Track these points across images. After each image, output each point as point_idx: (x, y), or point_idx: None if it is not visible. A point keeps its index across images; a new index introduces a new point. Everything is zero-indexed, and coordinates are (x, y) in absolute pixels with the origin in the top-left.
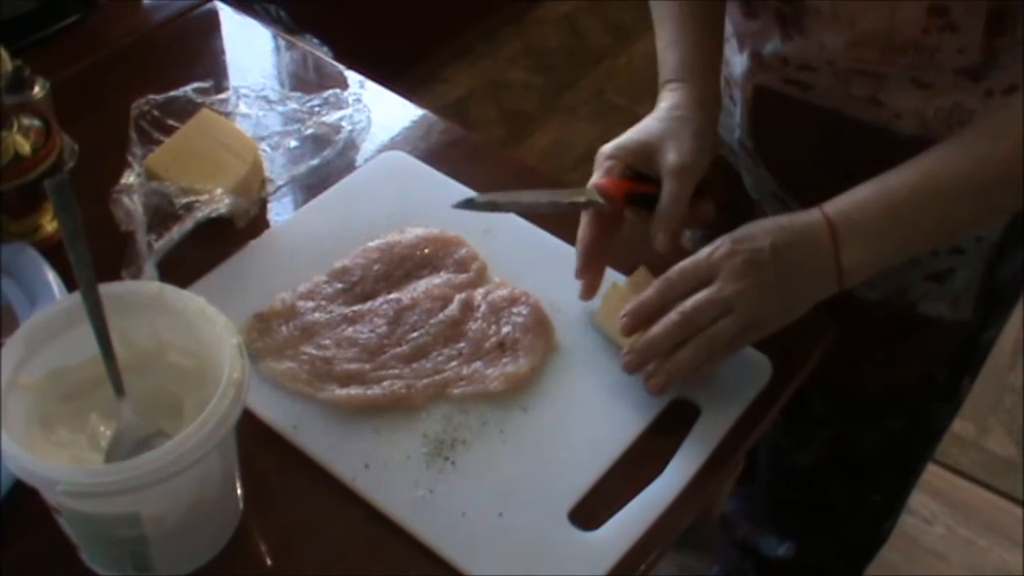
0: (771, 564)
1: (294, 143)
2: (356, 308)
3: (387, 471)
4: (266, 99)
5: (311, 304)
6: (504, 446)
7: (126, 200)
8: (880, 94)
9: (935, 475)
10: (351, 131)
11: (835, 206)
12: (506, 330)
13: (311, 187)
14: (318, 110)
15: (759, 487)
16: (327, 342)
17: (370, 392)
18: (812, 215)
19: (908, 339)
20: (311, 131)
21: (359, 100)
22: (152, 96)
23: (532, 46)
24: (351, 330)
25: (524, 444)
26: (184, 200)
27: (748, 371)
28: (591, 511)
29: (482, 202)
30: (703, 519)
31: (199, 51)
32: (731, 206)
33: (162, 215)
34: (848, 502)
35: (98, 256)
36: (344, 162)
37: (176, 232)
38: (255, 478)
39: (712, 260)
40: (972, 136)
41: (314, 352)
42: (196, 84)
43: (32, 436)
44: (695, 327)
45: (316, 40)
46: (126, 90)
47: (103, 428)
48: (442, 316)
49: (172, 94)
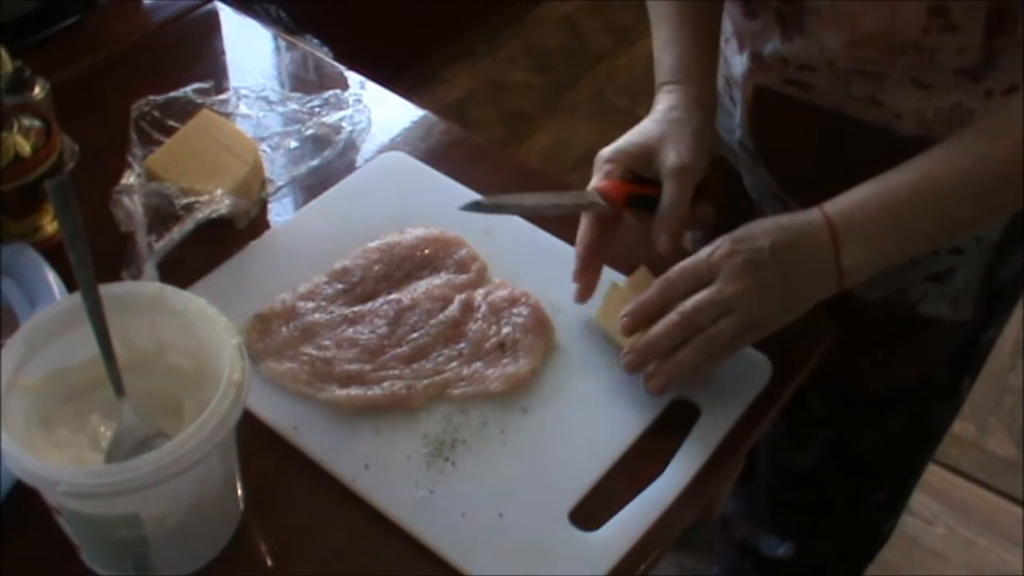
0: (771, 564)
1: (294, 144)
2: (356, 309)
3: (387, 471)
4: (266, 100)
5: (311, 305)
6: (504, 446)
7: (126, 201)
8: (880, 94)
9: (935, 475)
10: (351, 132)
11: (835, 206)
12: (506, 331)
13: (311, 188)
14: (318, 111)
15: (759, 487)
16: (327, 343)
17: (370, 393)
18: (812, 215)
19: (908, 339)
20: (311, 132)
21: (359, 101)
22: (152, 97)
23: (532, 47)
24: (351, 331)
25: (524, 444)
26: (184, 201)
27: (748, 371)
28: (591, 511)
29: (488, 204)
30: (703, 519)
31: (199, 52)
32: (731, 206)
33: (162, 216)
34: (848, 502)
35: (98, 257)
36: (344, 163)
37: (176, 233)
38: (255, 479)
39: (712, 260)
40: (972, 136)
41: (314, 353)
42: (196, 85)
43: (32, 437)
44: (695, 327)
45: (316, 41)
46: (126, 91)
47: (103, 429)
48: (442, 317)
49: (172, 95)
